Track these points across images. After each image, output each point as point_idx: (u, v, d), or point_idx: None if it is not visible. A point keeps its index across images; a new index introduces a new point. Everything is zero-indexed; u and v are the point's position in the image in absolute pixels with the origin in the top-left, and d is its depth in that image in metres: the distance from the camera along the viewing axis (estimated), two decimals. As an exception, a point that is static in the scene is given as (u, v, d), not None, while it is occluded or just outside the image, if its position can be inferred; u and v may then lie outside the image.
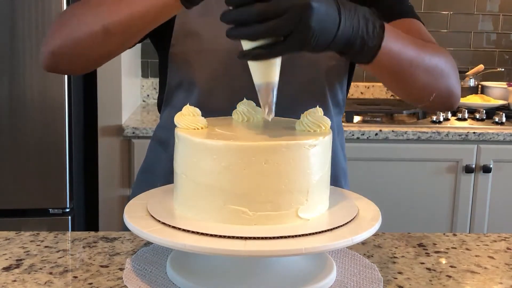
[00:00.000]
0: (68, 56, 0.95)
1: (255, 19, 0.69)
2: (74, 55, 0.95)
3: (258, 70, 0.75)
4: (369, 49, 0.80)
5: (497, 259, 0.92)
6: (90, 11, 0.91)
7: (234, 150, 0.72)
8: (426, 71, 0.94)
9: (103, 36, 0.89)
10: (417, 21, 1.06)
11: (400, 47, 0.87)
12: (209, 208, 0.74)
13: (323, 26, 0.72)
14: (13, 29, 1.88)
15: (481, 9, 2.84)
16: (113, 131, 2.14)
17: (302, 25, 0.70)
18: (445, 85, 0.98)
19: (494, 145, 2.21)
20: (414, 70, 0.92)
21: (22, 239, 0.94)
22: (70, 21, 0.94)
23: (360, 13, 0.78)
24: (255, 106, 0.86)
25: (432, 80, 0.96)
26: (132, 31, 0.90)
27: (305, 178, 0.74)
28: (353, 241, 0.72)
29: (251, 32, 0.70)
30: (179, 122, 0.80)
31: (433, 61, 0.95)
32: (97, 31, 0.89)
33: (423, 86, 0.96)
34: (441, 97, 0.99)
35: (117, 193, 2.16)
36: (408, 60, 0.90)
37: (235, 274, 0.77)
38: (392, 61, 0.87)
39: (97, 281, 0.80)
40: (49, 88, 1.92)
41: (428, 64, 0.94)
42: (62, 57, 0.96)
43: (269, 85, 0.75)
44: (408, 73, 0.92)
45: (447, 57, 0.99)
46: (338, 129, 1.16)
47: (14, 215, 1.97)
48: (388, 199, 2.19)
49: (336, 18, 0.74)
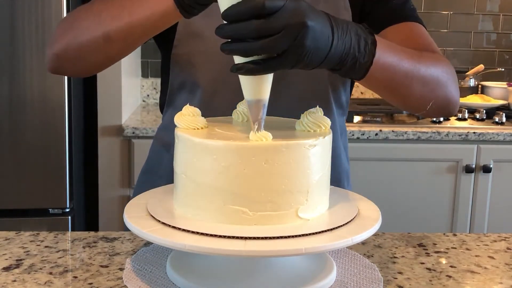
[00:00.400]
0: (72, 60, 0.96)
1: (251, 36, 0.69)
2: (77, 59, 0.96)
3: (249, 87, 0.75)
4: (361, 66, 0.80)
5: (497, 259, 0.92)
6: (92, 16, 0.92)
7: (234, 150, 0.72)
8: (422, 82, 0.94)
9: (104, 42, 0.90)
10: (419, 25, 1.06)
11: (393, 61, 0.87)
12: (209, 208, 0.74)
13: (317, 45, 0.72)
14: (13, 29, 1.88)
15: (481, 9, 2.84)
16: (113, 131, 2.14)
17: (297, 43, 0.70)
18: (443, 94, 0.99)
19: (494, 145, 2.21)
20: (410, 82, 0.92)
21: (22, 239, 0.94)
22: (73, 25, 0.94)
23: (352, 30, 0.77)
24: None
25: (428, 90, 0.96)
26: (133, 38, 0.90)
27: (305, 178, 0.74)
28: (353, 241, 0.72)
29: (247, 48, 0.70)
30: (179, 122, 0.80)
31: (429, 72, 0.95)
32: (99, 37, 0.90)
33: (419, 97, 0.96)
34: (439, 105, 0.99)
35: (117, 193, 2.16)
36: (403, 73, 0.90)
37: (235, 274, 0.77)
38: (386, 75, 0.87)
39: (97, 281, 0.80)
40: (49, 88, 1.92)
41: (424, 75, 0.94)
42: (66, 60, 0.97)
43: (260, 102, 0.75)
44: (403, 85, 0.92)
45: (445, 66, 0.99)
46: (341, 130, 1.16)
47: (14, 215, 1.97)
48: (388, 199, 2.19)
49: (330, 36, 0.74)
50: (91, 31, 0.91)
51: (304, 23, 0.70)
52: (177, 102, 1.09)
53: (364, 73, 0.82)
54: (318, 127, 0.79)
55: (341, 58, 0.76)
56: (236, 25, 0.69)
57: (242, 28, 0.69)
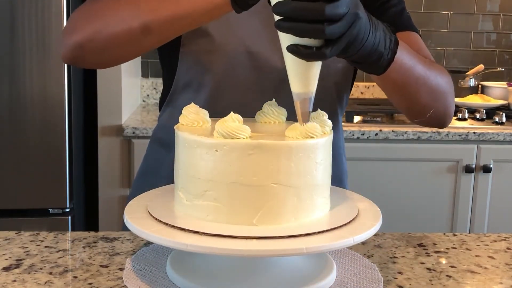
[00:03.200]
0: (98, 50, 0.92)
1: (312, 17, 0.68)
2: (106, 50, 0.91)
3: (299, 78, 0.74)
4: (384, 62, 0.83)
5: (497, 259, 0.92)
6: (127, 5, 0.88)
7: (234, 149, 0.72)
8: (429, 89, 0.97)
9: (142, 33, 0.86)
10: (416, 35, 1.08)
11: (410, 64, 0.90)
12: (209, 207, 0.74)
13: (361, 36, 0.74)
14: (13, 29, 1.88)
15: (481, 9, 2.84)
16: (113, 131, 2.14)
17: (350, 31, 0.72)
18: (443, 104, 1.02)
19: (494, 145, 2.21)
20: (420, 87, 0.95)
21: (22, 239, 0.94)
22: (102, 13, 0.90)
23: (380, 28, 0.80)
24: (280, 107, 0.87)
25: (433, 98, 0.99)
26: (174, 30, 0.87)
27: (305, 178, 0.74)
28: (354, 241, 0.72)
29: (304, 28, 0.69)
30: (180, 120, 0.80)
31: (436, 81, 0.98)
32: (136, 28, 0.86)
33: (425, 103, 0.99)
34: (437, 115, 1.02)
35: (117, 193, 2.16)
36: (415, 77, 0.93)
37: (235, 274, 0.77)
38: (401, 76, 0.89)
39: (97, 281, 0.79)
40: (49, 88, 1.91)
41: (432, 83, 0.97)
42: (90, 50, 0.92)
43: (308, 94, 0.75)
44: (413, 89, 0.94)
45: (447, 77, 1.02)
46: (341, 129, 1.17)
47: (14, 215, 1.97)
48: (388, 199, 2.19)
49: (368, 30, 0.76)
50: (126, 21, 0.87)
51: (358, 14, 0.72)
52: (179, 101, 1.08)
53: (385, 69, 0.84)
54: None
55: (370, 51, 0.78)
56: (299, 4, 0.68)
57: (305, 8, 0.68)
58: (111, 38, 0.89)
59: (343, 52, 0.74)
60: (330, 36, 0.70)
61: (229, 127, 0.73)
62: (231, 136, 0.72)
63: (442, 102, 1.01)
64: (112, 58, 0.96)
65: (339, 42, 0.72)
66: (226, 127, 0.73)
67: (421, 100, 0.97)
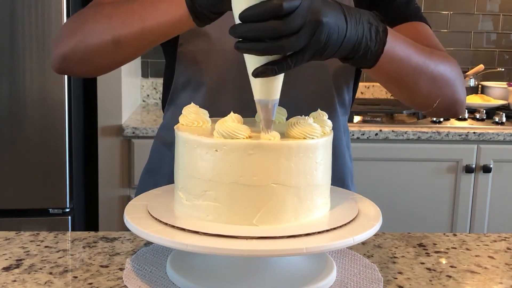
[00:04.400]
0: (79, 62, 0.96)
1: (270, 35, 0.69)
2: (84, 61, 0.96)
3: (261, 87, 0.74)
4: (372, 54, 0.81)
5: (497, 259, 0.92)
6: (102, 20, 0.91)
7: (234, 149, 0.72)
8: (430, 78, 0.94)
9: (114, 46, 0.89)
10: (425, 25, 1.06)
11: (403, 53, 0.88)
12: (209, 207, 0.74)
13: (333, 38, 0.74)
14: (13, 29, 1.88)
15: (481, 9, 2.84)
16: (113, 131, 2.14)
17: (314, 40, 0.71)
18: (450, 93, 0.99)
19: (494, 145, 2.21)
20: (418, 77, 0.92)
21: (22, 239, 0.94)
22: (82, 27, 0.94)
23: (364, 19, 0.79)
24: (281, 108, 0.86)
25: (436, 88, 0.96)
26: (143, 43, 0.90)
27: (305, 178, 0.74)
28: (354, 241, 0.71)
29: (266, 47, 0.70)
30: (180, 120, 0.80)
31: (438, 69, 0.95)
32: (108, 41, 0.89)
33: (427, 93, 0.96)
34: (445, 104, 0.99)
35: (117, 193, 2.16)
36: (411, 67, 0.90)
37: (235, 274, 0.77)
38: (395, 66, 0.87)
39: (97, 281, 0.79)
40: (49, 88, 1.92)
41: (433, 72, 0.94)
42: (72, 61, 0.96)
43: (272, 102, 0.75)
44: (411, 79, 0.92)
45: (453, 65, 0.99)
46: (344, 129, 1.17)
47: (14, 215, 1.98)
48: (388, 199, 2.19)
49: (344, 28, 0.75)
50: (100, 35, 0.90)
51: (320, 21, 0.71)
52: (180, 100, 1.09)
53: (375, 61, 0.83)
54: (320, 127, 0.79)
55: (353, 47, 0.78)
56: (254, 25, 0.69)
57: (260, 28, 0.69)
58: (88, 50, 0.93)
59: (317, 57, 0.74)
60: (292, 50, 0.71)
61: (229, 127, 0.73)
62: (231, 136, 0.72)
63: (449, 90, 0.98)
64: (93, 68, 0.99)
65: (304, 52, 0.72)
66: (226, 127, 0.73)
67: (422, 90, 0.95)
